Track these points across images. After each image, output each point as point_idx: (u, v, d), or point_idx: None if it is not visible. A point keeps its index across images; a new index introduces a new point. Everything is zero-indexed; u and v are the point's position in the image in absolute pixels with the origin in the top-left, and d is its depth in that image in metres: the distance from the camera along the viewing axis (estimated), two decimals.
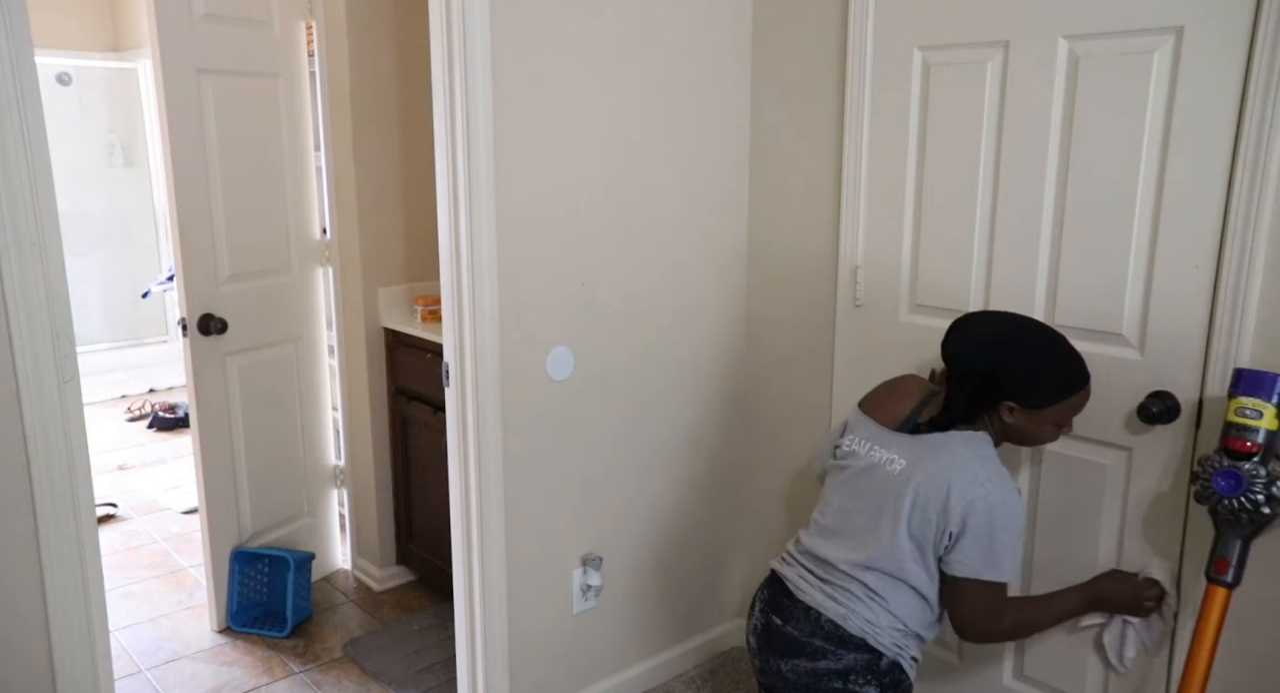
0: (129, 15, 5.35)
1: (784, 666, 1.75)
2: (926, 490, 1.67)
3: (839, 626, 1.70)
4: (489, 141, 1.96)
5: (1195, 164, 1.72)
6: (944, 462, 1.67)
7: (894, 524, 1.69)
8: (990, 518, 1.63)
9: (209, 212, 2.67)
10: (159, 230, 5.62)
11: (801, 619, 1.74)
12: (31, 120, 1.56)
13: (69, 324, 1.66)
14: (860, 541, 1.73)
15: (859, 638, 1.69)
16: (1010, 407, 1.69)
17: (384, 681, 2.60)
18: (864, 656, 1.70)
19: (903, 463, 1.72)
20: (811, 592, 1.75)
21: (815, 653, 1.71)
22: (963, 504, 1.63)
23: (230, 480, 2.84)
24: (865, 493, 1.76)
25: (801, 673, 1.72)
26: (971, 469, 1.66)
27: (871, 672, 1.70)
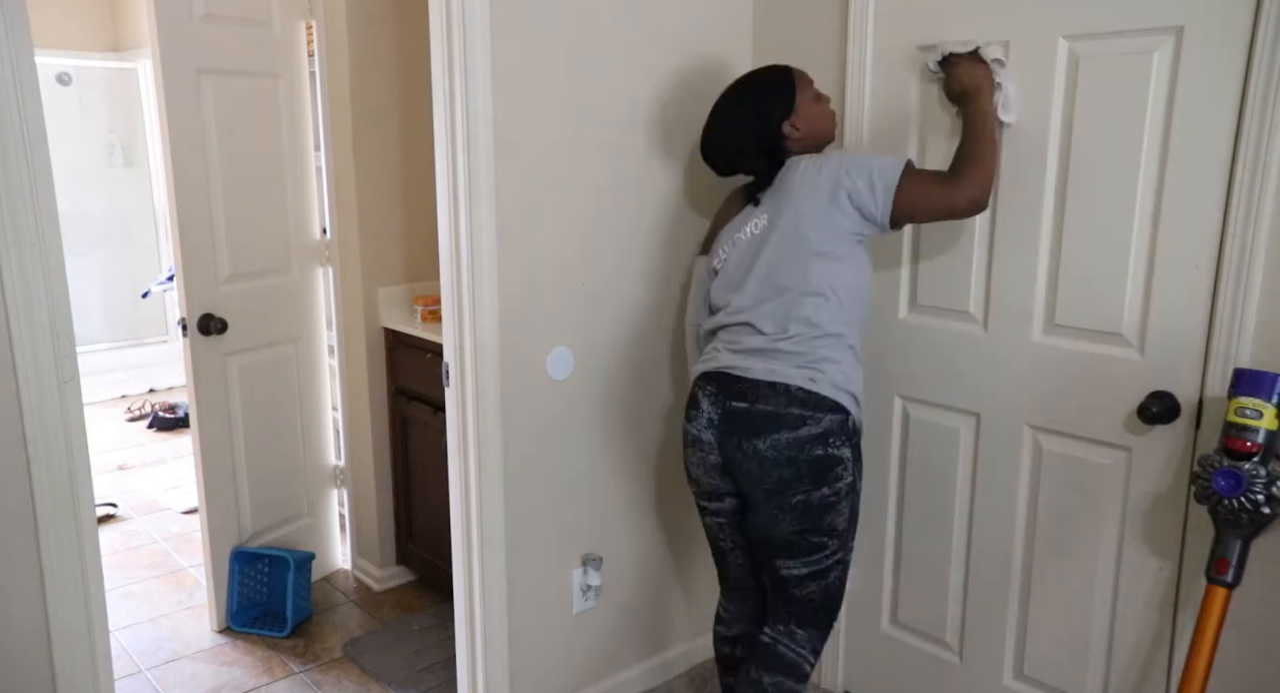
0: (129, 15, 5.35)
1: (761, 444, 1.78)
2: (799, 207, 1.81)
3: (810, 391, 1.77)
4: (489, 141, 1.96)
5: (1195, 164, 1.72)
6: (789, 186, 1.84)
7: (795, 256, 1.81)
8: (848, 156, 1.85)
9: (209, 212, 2.67)
10: (159, 230, 5.62)
11: (770, 394, 1.78)
12: (31, 120, 1.56)
13: (69, 324, 1.66)
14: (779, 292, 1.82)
15: (831, 399, 1.77)
16: (790, 123, 1.86)
17: (384, 681, 2.60)
18: (838, 416, 1.78)
19: (764, 216, 1.88)
20: (770, 366, 1.80)
21: (796, 422, 1.76)
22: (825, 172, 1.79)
23: (230, 480, 2.84)
24: (753, 262, 1.87)
25: (783, 445, 1.76)
26: (804, 164, 1.85)
27: (844, 432, 1.79)
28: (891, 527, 2.34)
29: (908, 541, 2.31)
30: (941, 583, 2.25)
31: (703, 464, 1.90)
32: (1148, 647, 1.93)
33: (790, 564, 1.85)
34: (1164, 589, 1.88)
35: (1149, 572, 1.90)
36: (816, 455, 1.76)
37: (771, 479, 1.79)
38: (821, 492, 1.78)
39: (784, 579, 1.87)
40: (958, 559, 2.22)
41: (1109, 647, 1.98)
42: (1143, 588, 1.91)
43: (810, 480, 1.77)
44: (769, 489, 1.80)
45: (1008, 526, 2.11)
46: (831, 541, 1.83)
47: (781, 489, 1.79)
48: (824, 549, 1.83)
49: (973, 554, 2.19)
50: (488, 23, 1.91)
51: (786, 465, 1.77)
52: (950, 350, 2.14)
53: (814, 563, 1.84)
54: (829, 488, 1.78)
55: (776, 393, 1.77)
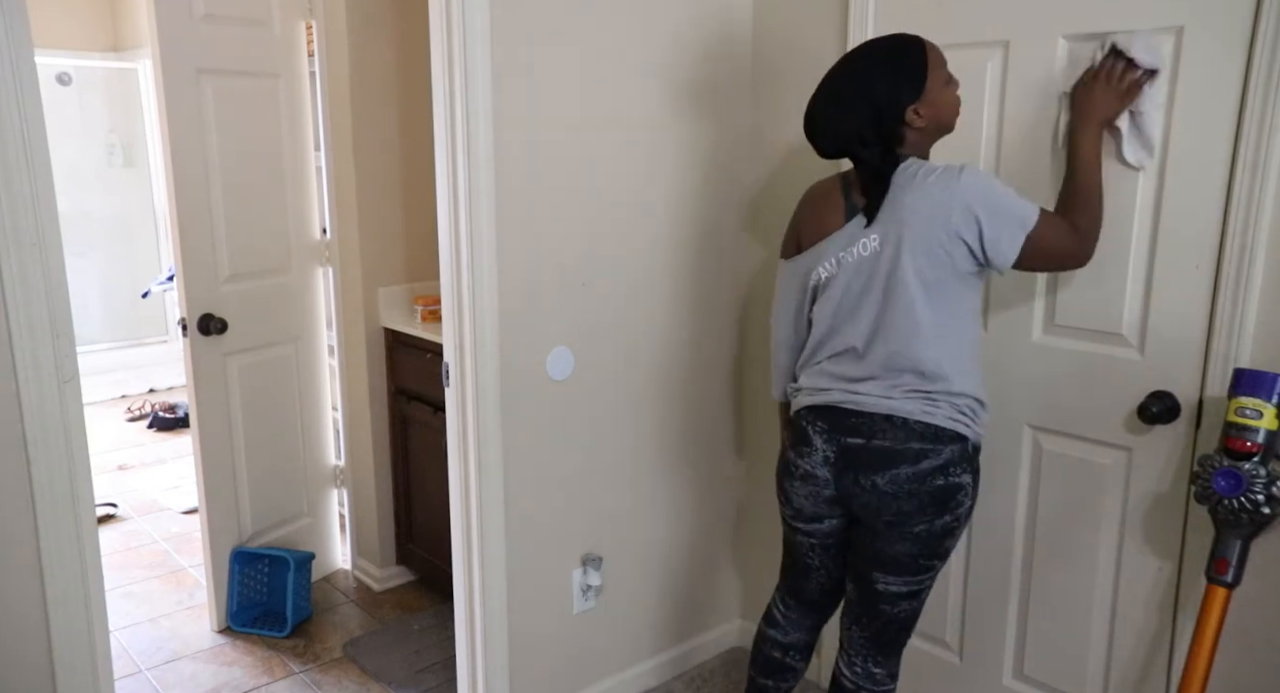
0: (129, 15, 5.35)
1: (880, 480, 1.71)
2: (912, 234, 1.64)
3: (929, 423, 1.69)
4: (489, 141, 1.96)
5: (1195, 164, 1.72)
6: (905, 202, 1.65)
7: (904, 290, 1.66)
8: (981, 188, 1.62)
9: (209, 212, 2.67)
10: (159, 230, 5.62)
11: (887, 428, 1.71)
12: (31, 120, 1.56)
13: (69, 324, 1.66)
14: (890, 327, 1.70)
15: (950, 430, 1.70)
16: (915, 109, 1.66)
17: (384, 681, 2.60)
18: (958, 446, 1.71)
19: (875, 235, 1.70)
20: (884, 402, 1.71)
21: (917, 456, 1.69)
22: (954, 204, 1.61)
23: (230, 480, 2.84)
24: (863, 290, 1.73)
25: (903, 480, 1.70)
26: (927, 183, 1.64)
27: (965, 459, 1.72)
28: None
29: None
30: (941, 583, 2.25)
31: (813, 497, 1.83)
32: (1148, 647, 1.93)
33: (891, 581, 1.78)
34: (1164, 589, 1.88)
35: (1149, 572, 1.90)
36: (938, 486, 1.70)
37: (890, 511, 1.73)
38: (944, 520, 1.72)
39: (879, 594, 1.80)
40: (958, 559, 2.22)
41: (1109, 647, 1.98)
42: (1143, 588, 1.91)
43: (933, 510, 1.71)
44: (889, 521, 1.74)
45: (1008, 526, 2.11)
46: (940, 563, 1.79)
47: (902, 520, 1.73)
48: (930, 571, 1.78)
49: (973, 554, 2.19)
50: (488, 22, 1.91)
51: (907, 499, 1.71)
52: None
53: (915, 583, 1.78)
54: (950, 515, 1.72)
55: (894, 427, 1.70)
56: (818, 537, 1.89)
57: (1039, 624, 2.09)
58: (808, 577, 1.97)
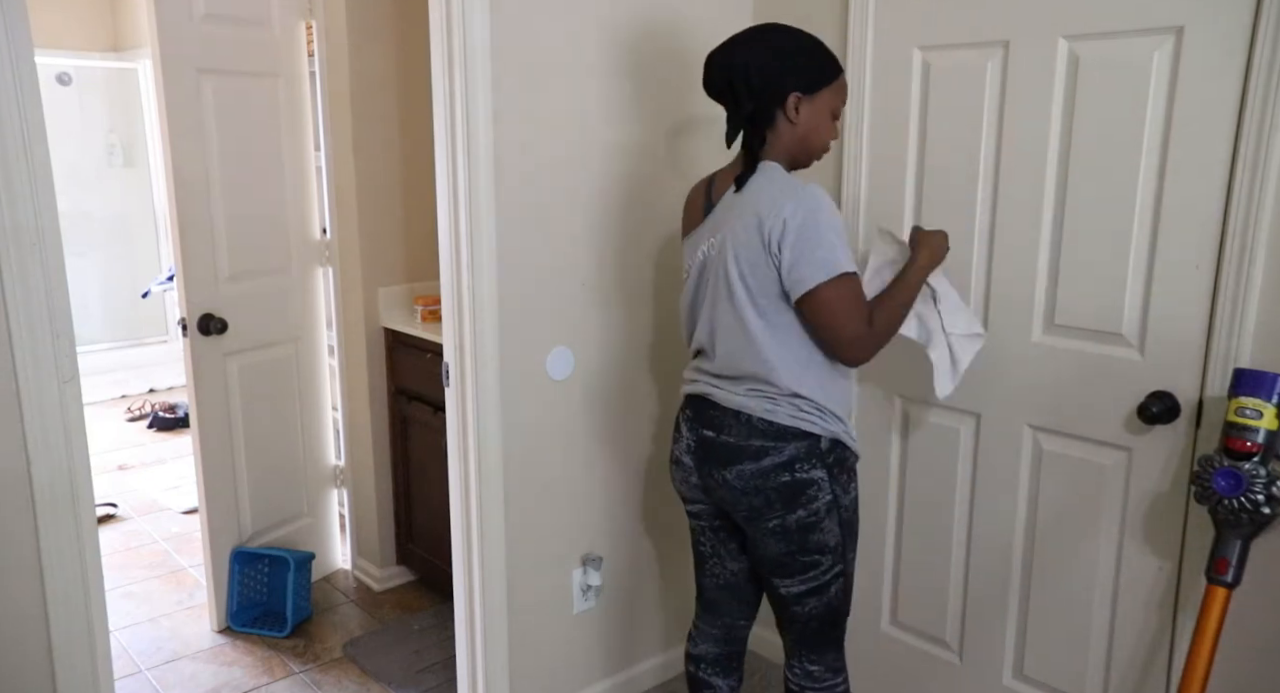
0: (129, 15, 5.35)
1: (729, 474, 1.75)
2: (740, 238, 1.67)
3: (771, 421, 1.71)
4: (489, 141, 1.96)
5: (1195, 164, 1.72)
6: (743, 206, 1.69)
7: (732, 295, 1.70)
8: (810, 218, 1.62)
9: (209, 212, 2.67)
10: (159, 230, 5.62)
11: (733, 424, 1.74)
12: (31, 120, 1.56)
13: (69, 324, 1.66)
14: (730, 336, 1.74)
15: (793, 427, 1.71)
16: (796, 99, 1.68)
17: (384, 681, 2.60)
18: (803, 443, 1.71)
19: (716, 238, 1.74)
20: (733, 397, 1.75)
21: (758, 453, 1.72)
22: (777, 222, 1.62)
23: (230, 480, 2.84)
24: (701, 291, 1.78)
25: (748, 476, 1.73)
26: (770, 194, 1.66)
27: (815, 455, 1.72)
28: (891, 526, 2.34)
29: (908, 540, 2.31)
30: (941, 583, 2.25)
31: (685, 483, 1.88)
32: (1148, 647, 1.93)
33: (787, 583, 1.81)
34: (1164, 589, 1.88)
35: (1149, 572, 1.90)
36: (783, 481, 1.72)
37: (743, 506, 1.76)
38: (796, 515, 1.73)
39: (784, 598, 1.83)
40: (958, 559, 2.22)
41: (1109, 647, 1.98)
42: (1143, 588, 1.91)
43: (782, 505, 1.73)
44: (744, 515, 1.78)
45: (1008, 526, 2.11)
46: (824, 557, 1.78)
47: (755, 516, 1.76)
48: (818, 567, 1.78)
49: (973, 554, 2.19)
50: (487, 22, 1.91)
51: (754, 494, 1.74)
52: None
53: (810, 581, 1.79)
54: (804, 510, 1.73)
55: (740, 423, 1.74)
56: (704, 518, 1.92)
57: (1039, 624, 2.09)
58: (703, 568, 1.99)
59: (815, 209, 1.62)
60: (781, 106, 1.69)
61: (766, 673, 2.60)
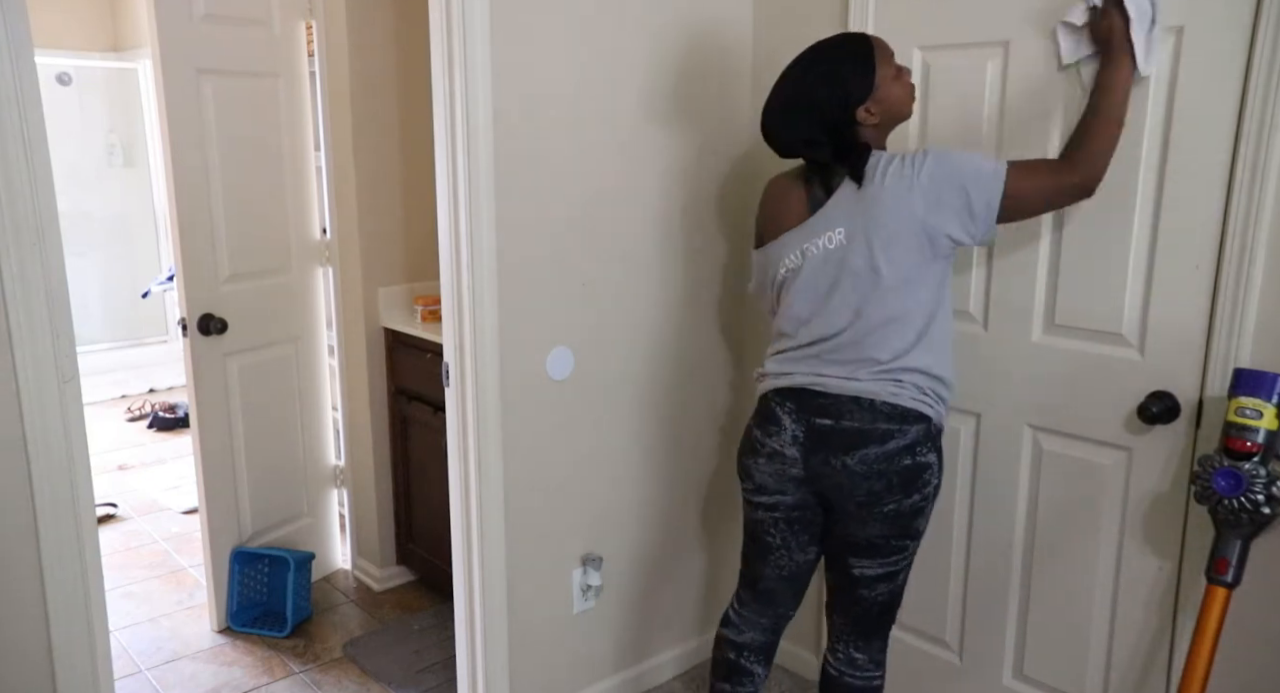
0: (129, 15, 5.35)
1: (849, 460, 1.75)
2: (885, 226, 1.69)
3: (895, 404, 1.73)
4: (489, 141, 1.96)
5: (1195, 164, 1.72)
6: (869, 192, 1.71)
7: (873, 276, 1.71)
8: (950, 167, 1.67)
9: (209, 212, 2.67)
10: (159, 230, 5.62)
11: (855, 410, 1.75)
12: (31, 120, 1.56)
13: (69, 324, 1.66)
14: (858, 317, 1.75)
15: (915, 410, 1.74)
16: (865, 108, 1.72)
17: (384, 681, 2.60)
18: (923, 426, 1.75)
19: (840, 229, 1.74)
20: (850, 384, 1.76)
21: (884, 436, 1.73)
22: (928, 191, 1.66)
23: (230, 480, 2.84)
24: (831, 285, 1.77)
25: (872, 460, 1.74)
26: (889, 175, 1.70)
27: (930, 439, 1.76)
28: None
29: None
30: (941, 583, 2.25)
31: (778, 475, 1.85)
32: (1148, 647, 1.93)
33: (866, 565, 1.82)
34: (1164, 589, 1.88)
35: (1149, 572, 1.90)
36: (905, 465, 1.74)
37: (861, 491, 1.76)
38: (912, 499, 1.76)
39: (855, 579, 1.84)
40: (958, 559, 2.22)
41: (1109, 647, 1.98)
42: (1143, 588, 1.91)
43: (901, 489, 1.75)
44: (859, 501, 1.77)
45: (1008, 526, 2.11)
46: (912, 543, 1.82)
47: (872, 501, 1.76)
48: (904, 552, 1.82)
49: (973, 554, 2.19)
50: (487, 22, 1.91)
51: (877, 478, 1.74)
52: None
53: (891, 564, 1.82)
54: (919, 494, 1.76)
55: (861, 408, 1.74)
56: (780, 510, 1.89)
57: (1039, 624, 2.09)
58: (766, 559, 1.97)
59: (940, 160, 1.68)
60: (858, 124, 1.74)
61: None
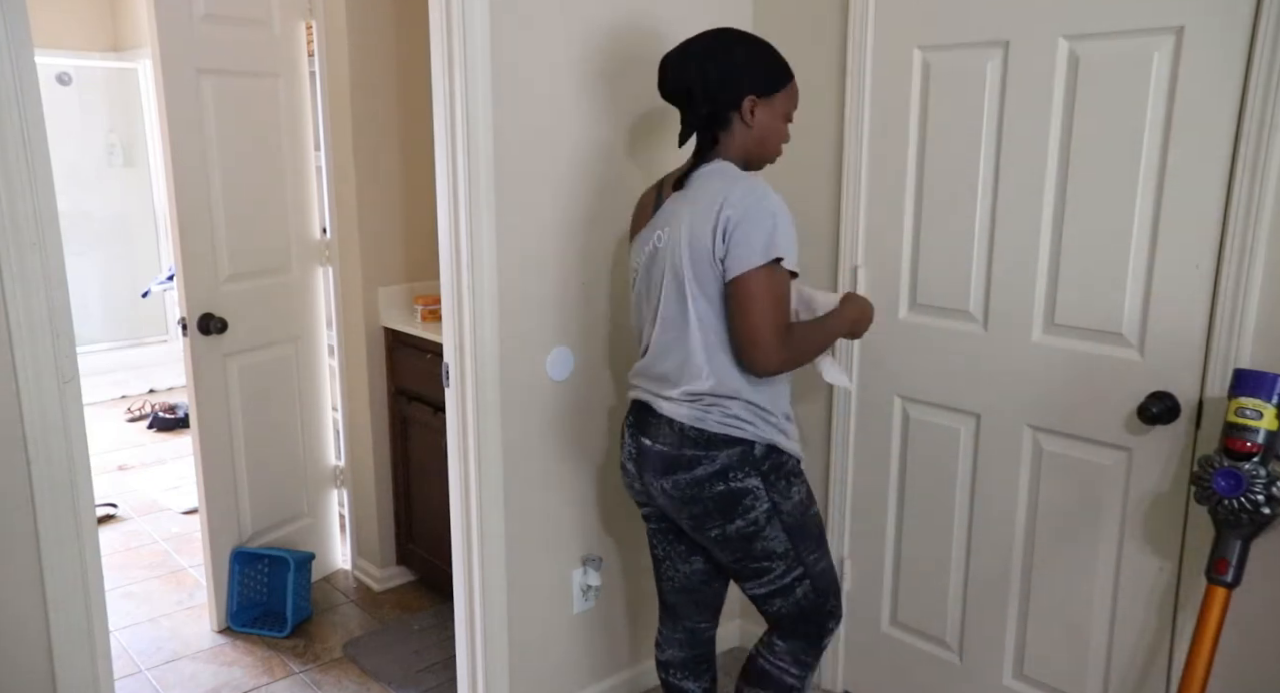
0: (129, 15, 5.35)
1: (666, 483, 1.74)
2: (692, 228, 1.65)
3: (701, 428, 1.69)
4: (489, 142, 1.96)
5: (1195, 164, 1.72)
6: (695, 197, 1.68)
7: (678, 286, 1.68)
8: (761, 206, 1.61)
9: (209, 212, 2.67)
10: (159, 230, 5.62)
11: (667, 433, 1.73)
12: (31, 120, 1.56)
13: (69, 324, 1.66)
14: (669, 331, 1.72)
15: (723, 434, 1.69)
16: (752, 101, 1.69)
17: (384, 681, 2.60)
18: (735, 450, 1.69)
19: (665, 231, 1.72)
20: (665, 404, 1.74)
21: (690, 462, 1.70)
22: (723, 203, 1.61)
23: (230, 480, 2.84)
24: (648, 288, 1.76)
25: (684, 485, 1.71)
26: (722, 184, 1.65)
27: (748, 462, 1.70)
28: (891, 527, 2.34)
29: (908, 541, 2.31)
30: (941, 583, 2.25)
31: (631, 488, 1.89)
32: (1148, 647, 1.93)
33: (748, 586, 1.81)
34: (1164, 589, 1.88)
35: (1149, 572, 1.90)
36: (718, 491, 1.70)
37: (685, 515, 1.76)
38: (735, 524, 1.71)
39: (752, 598, 1.84)
40: (958, 559, 2.22)
41: (1109, 647, 1.98)
42: (1143, 588, 1.91)
43: (720, 515, 1.71)
44: (687, 524, 1.78)
45: (1008, 526, 2.11)
46: (775, 563, 1.75)
47: (696, 525, 1.76)
48: (771, 572, 1.76)
49: (973, 554, 2.19)
50: (487, 23, 1.91)
51: (692, 503, 1.72)
52: (950, 350, 2.14)
53: (768, 584, 1.78)
54: (741, 520, 1.71)
55: (673, 431, 1.73)
56: (653, 520, 1.92)
57: (1039, 624, 2.09)
58: (658, 572, 1.98)
59: (766, 198, 1.62)
60: (737, 110, 1.70)
61: None
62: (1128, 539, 1.92)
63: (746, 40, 1.74)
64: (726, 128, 1.72)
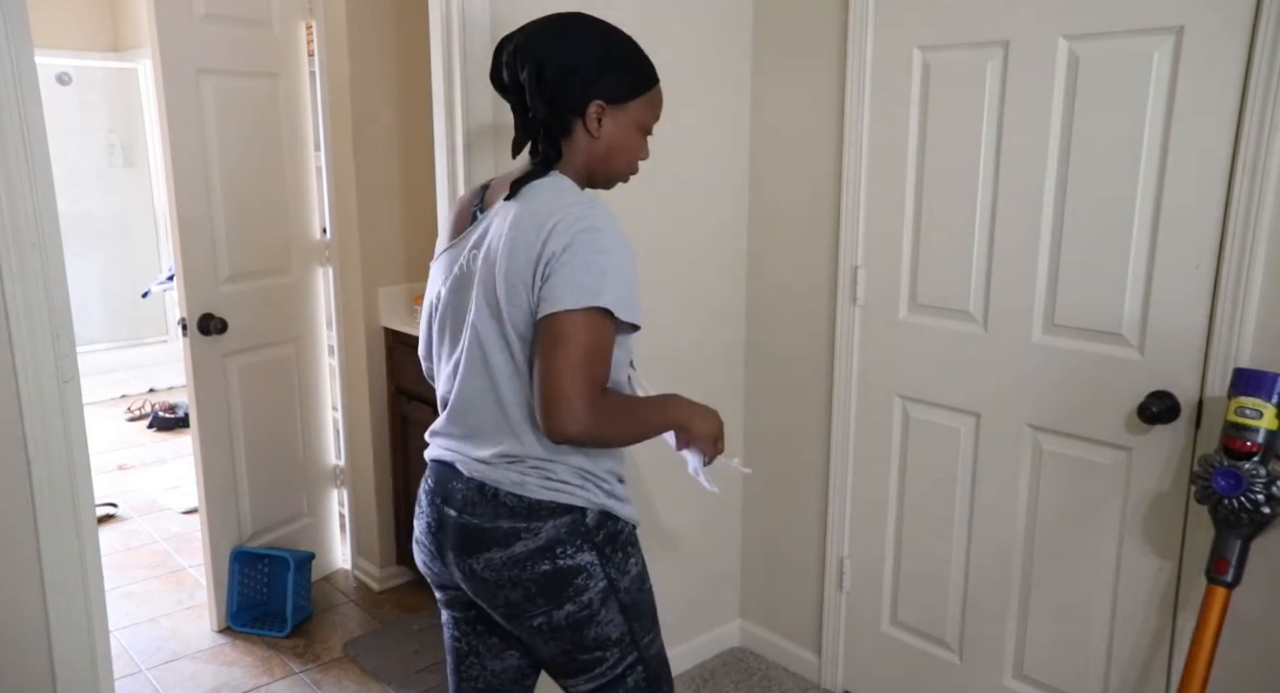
0: (129, 15, 5.35)
1: (475, 564, 1.41)
2: (510, 251, 1.33)
3: (520, 495, 1.38)
4: (488, 143, 1.96)
5: (1195, 164, 1.72)
6: (519, 213, 1.35)
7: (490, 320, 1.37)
8: (589, 237, 1.30)
9: (209, 211, 2.67)
10: (159, 230, 5.62)
11: (478, 502, 1.40)
12: (31, 120, 1.56)
13: (69, 324, 1.66)
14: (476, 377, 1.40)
15: (548, 502, 1.38)
16: (599, 107, 1.39)
17: (384, 681, 2.60)
18: (564, 520, 1.39)
19: (478, 251, 1.39)
20: (475, 466, 1.42)
21: (507, 537, 1.38)
22: (550, 231, 1.30)
23: (230, 480, 2.84)
24: (456, 313, 1.43)
25: (499, 566, 1.39)
26: (554, 204, 1.34)
27: (579, 535, 1.40)
28: (891, 527, 2.34)
29: (908, 541, 2.31)
30: (941, 583, 2.25)
31: (428, 568, 1.55)
32: (1148, 647, 1.93)
33: (573, 682, 1.49)
34: (1164, 589, 1.88)
35: (1149, 572, 1.90)
36: (543, 571, 1.38)
37: (499, 602, 1.42)
38: (565, 610, 1.40)
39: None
40: (958, 559, 2.22)
41: (1109, 647, 1.98)
42: (1143, 588, 1.91)
43: (544, 600, 1.40)
44: (502, 613, 1.44)
45: (1008, 526, 2.11)
46: (609, 652, 1.45)
47: (515, 613, 1.42)
48: (603, 663, 1.46)
49: (973, 554, 2.19)
50: (488, 22, 1.91)
51: (510, 587, 1.39)
52: (950, 350, 2.14)
53: (598, 677, 1.47)
54: (572, 604, 1.40)
55: (485, 499, 1.40)
56: (456, 608, 1.57)
57: (1039, 624, 2.09)
58: (459, 671, 1.61)
59: (599, 231, 1.32)
60: (581, 115, 1.40)
61: (767, 673, 2.60)
62: (1128, 539, 1.92)
63: (599, 30, 1.42)
64: (568, 136, 1.41)
